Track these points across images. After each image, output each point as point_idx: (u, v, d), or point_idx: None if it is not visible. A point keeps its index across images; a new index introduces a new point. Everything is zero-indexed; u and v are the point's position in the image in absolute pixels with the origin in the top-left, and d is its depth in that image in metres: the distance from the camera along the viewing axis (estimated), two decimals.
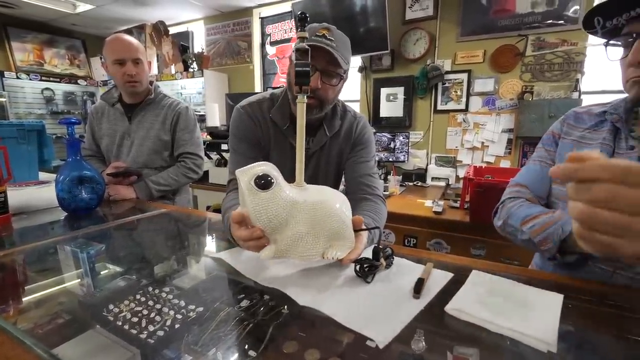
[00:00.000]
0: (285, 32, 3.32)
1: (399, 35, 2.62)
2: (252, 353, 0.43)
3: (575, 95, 2.14)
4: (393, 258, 0.68)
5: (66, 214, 1.09)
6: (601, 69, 2.14)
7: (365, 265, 0.63)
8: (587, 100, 2.11)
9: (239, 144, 1.01)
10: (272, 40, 3.43)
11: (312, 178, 1.04)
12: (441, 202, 1.86)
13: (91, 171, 1.08)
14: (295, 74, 0.60)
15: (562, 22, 2.16)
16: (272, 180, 0.58)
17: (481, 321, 0.50)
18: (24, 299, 0.61)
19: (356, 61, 2.84)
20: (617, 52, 0.68)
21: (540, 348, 0.44)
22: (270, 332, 0.48)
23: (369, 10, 2.51)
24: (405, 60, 2.67)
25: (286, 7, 3.22)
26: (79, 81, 4.26)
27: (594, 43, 2.13)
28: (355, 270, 0.64)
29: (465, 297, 0.56)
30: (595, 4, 1.69)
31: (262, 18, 3.45)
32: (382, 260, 0.65)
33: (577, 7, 2.11)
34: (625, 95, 0.73)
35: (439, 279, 0.62)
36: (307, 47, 0.62)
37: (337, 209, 0.62)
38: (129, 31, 4.10)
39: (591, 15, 0.67)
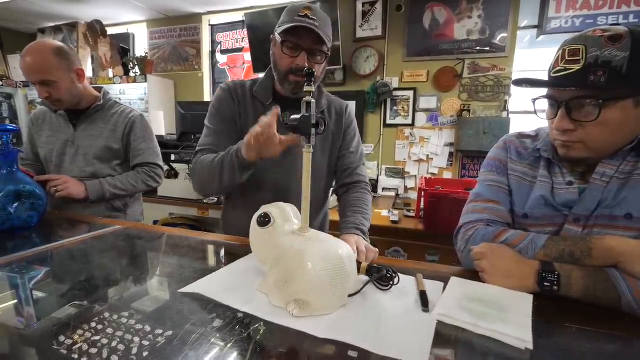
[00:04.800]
0: (237, 42, 3.27)
1: (350, 51, 2.74)
2: None
3: (504, 114, 2.42)
4: (397, 278, 0.68)
5: None
6: (524, 93, 2.46)
7: (384, 276, 0.66)
8: (514, 119, 2.40)
9: (212, 118, 1.04)
10: (222, 49, 3.35)
11: (299, 153, 1.05)
12: (396, 212, 1.96)
13: (30, 185, 0.96)
14: (299, 124, 0.62)
15: (492, 49, 2.45)
16: (269, 220, 0.65)
17: (464, 324, 0.54)
18: None
19: None
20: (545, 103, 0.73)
21: (519, 346, 0.49)
22: (250, 351, 0.46)
23: None
24: (356, 76, 2.79)
25: (238, 17, 3.18)
26: None
27: (518, 70, 2.45)
28: (374, 282, 0.66)
29: (448, 302, 0.60)
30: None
31: (212, 25, 3.36)
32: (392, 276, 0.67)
33: (505, 34, 2.40)
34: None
35: (434, 289, 0.65)
36: (313, 100, 0.63)
37: (309, 267, 0.57)
38: (57, 28, 3.70)
39: (519, 82, 0.72)
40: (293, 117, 0.62)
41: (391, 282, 0.65)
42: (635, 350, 0.53)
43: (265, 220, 0.65)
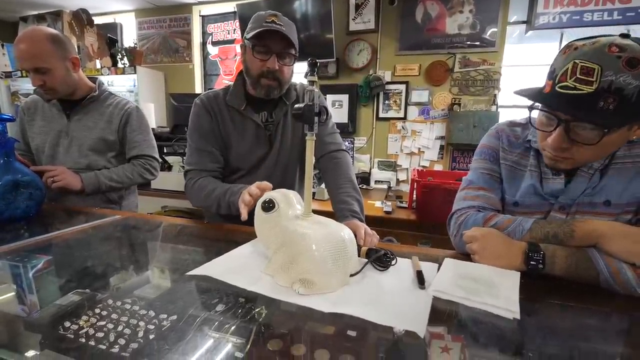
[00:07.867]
0: (229, 33, 3.24)
1: (343, 44, 2.75)
2: (238, 354, 0.44)
3: (493, 108, 2.48)
4: (395, 259, 0.72)
5: None
6: (513, 87, 2.51)
7: (382, 258, 0.70)
8: (503, 113, 2.46)
9: (192, 135, 1.10)
10: (214, 40, 3.32)
11: (282, 145, 1.13)
12: (389, 203, 2.01)
13: (29, 175, 0.96)
14: (304, 112, 0.63)
15: (482, 44, 2.49)
16: (273, 206, 0.67)
17: (458, 298, 0.58)
18: None
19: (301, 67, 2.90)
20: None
21: (507, 316, 0.53)
22: (254, 332, 0.48)
23: (313, 18, 2.60)
24: (349, 69, 2.80)
25: (229, 7, 3.15)
26: None
27: (507, 64, 2.50)
28: (372, 264, 0.69)
29: (443, 280, 0.64)
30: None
31: (202, 16, 3.32)
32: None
33: (495, 29, 2.45)
34: None
35: (429, 269, 0.69)
36: (316, 89, 0.65)
37: (314, 248, 0.60)
38: (40, 17, 3.60)
39: (521, 93, 0.71)
40: (297, 105, 0.64)
41: (389, 263, 0.69)
42: (613, 323, 0.58)
43: (269, 206, 0.67)
